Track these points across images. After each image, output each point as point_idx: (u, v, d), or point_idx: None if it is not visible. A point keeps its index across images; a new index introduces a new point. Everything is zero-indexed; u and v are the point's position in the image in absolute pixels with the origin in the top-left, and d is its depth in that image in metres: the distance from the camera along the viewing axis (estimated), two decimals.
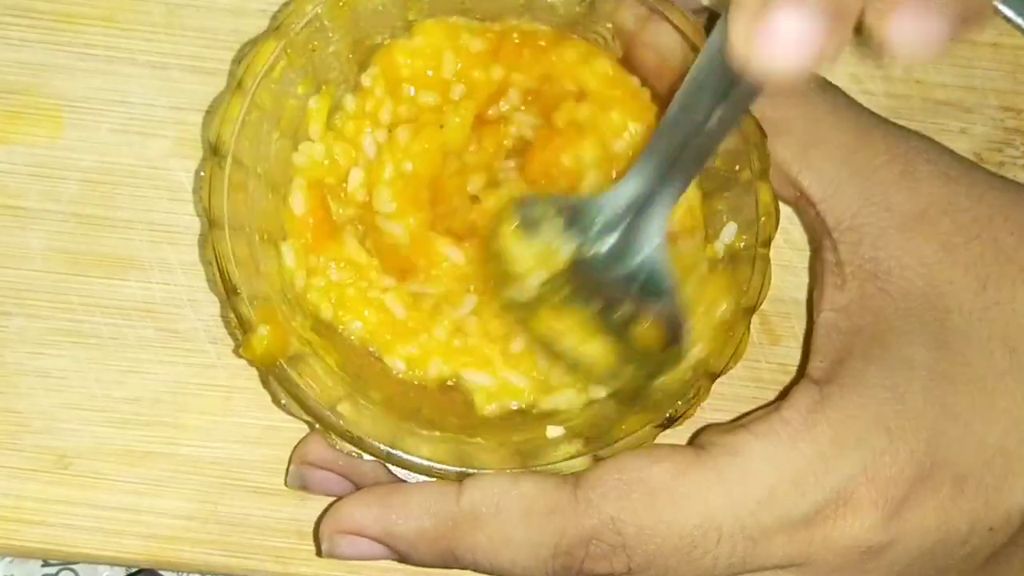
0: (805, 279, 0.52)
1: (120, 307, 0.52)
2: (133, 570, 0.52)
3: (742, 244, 0.47)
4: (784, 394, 0.46)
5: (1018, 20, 0.54)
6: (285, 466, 0.51)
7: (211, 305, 0.52)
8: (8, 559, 0.53)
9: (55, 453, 0.51)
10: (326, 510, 0.47)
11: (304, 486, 0.49)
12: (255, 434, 0.51)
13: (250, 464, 0.51)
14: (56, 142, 0.52)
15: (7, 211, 0.52)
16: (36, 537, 0.51)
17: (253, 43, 0.47)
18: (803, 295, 0.52)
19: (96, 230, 0.52)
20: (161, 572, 0.52)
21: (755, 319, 0.52)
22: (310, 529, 0.51)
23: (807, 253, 0.53)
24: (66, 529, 0.51)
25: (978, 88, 0.54)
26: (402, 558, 0.46)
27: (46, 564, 0.53)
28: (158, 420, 0.51)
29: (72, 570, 0.53)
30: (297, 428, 0.51)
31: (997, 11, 0.54)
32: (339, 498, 0.47)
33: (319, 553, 0.47)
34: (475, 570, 0.46)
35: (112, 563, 0.52)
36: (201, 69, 0.53)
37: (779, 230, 0.47)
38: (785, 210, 0.47)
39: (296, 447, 0.49)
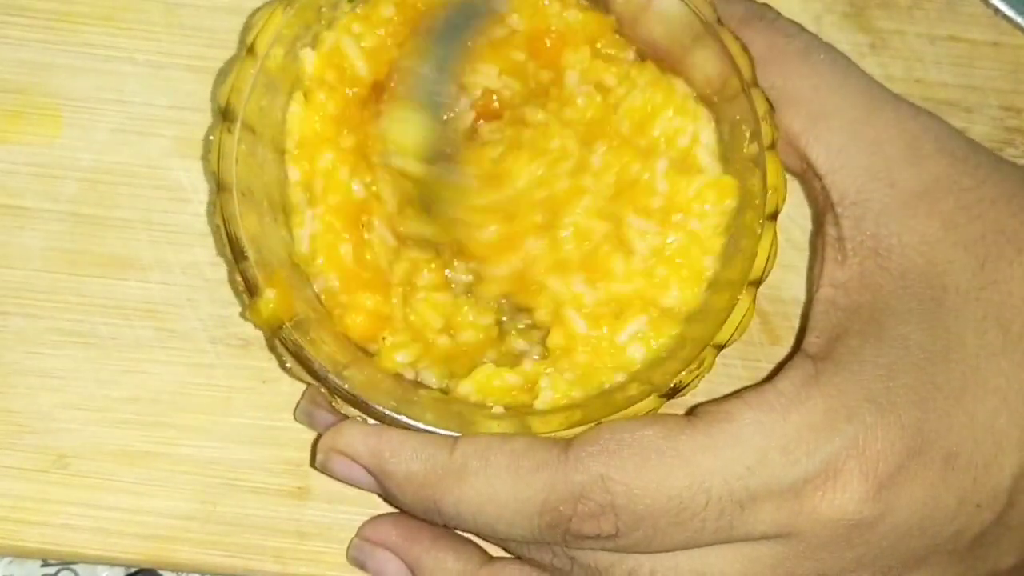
0: (806, 279, 0.53)
1: (119, 307, 0.52)
2: (132, 570, 0.52)
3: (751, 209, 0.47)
4: (779, 369, 0.46)
5: (1018, 19, 0.54)
6: (284, 466, 0.51)
7: (210, 305, 0.52)
8: (7, 559, 0.52)
9: (54, 453, 0.51)
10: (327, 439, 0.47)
11: (311, 423, 0.49)
12: (254, 434, 0.51)
13: (249, 464, 0.51)
14: (55, 141, 0.52)
15: (6, 210, 0.52)
16: (35, 537, 0.51)
17: (263, 8, 0.47)
18: (803, 295, 0.52)
19: (95, 230, 0.52)
20: (160, 572, 0.52)
21: (756, 319, 0.52)
22: (310, 529, 0.51)
23: (807, 253, 0.53)
24: (65, 529, 0.51)
25: (979, 87, 0.54)
26: (389, 497, 0.46)
27: (45, 564, 0.53)
28: (157, 420, 0.51)
29: (71, 570, 0.53)
30: (297, 428, 0.51)
31: (998, 10, 0.54)
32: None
33: (313, 464, 0.48)
34: (458, 527, 0.46)
35: (111, 563, 0.52)
36: (200, 68, 0.53)
37: (779, 229, 0.47)
38: (786, 209, 0.47)
39: (307, 388, 0.50)
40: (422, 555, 0.48)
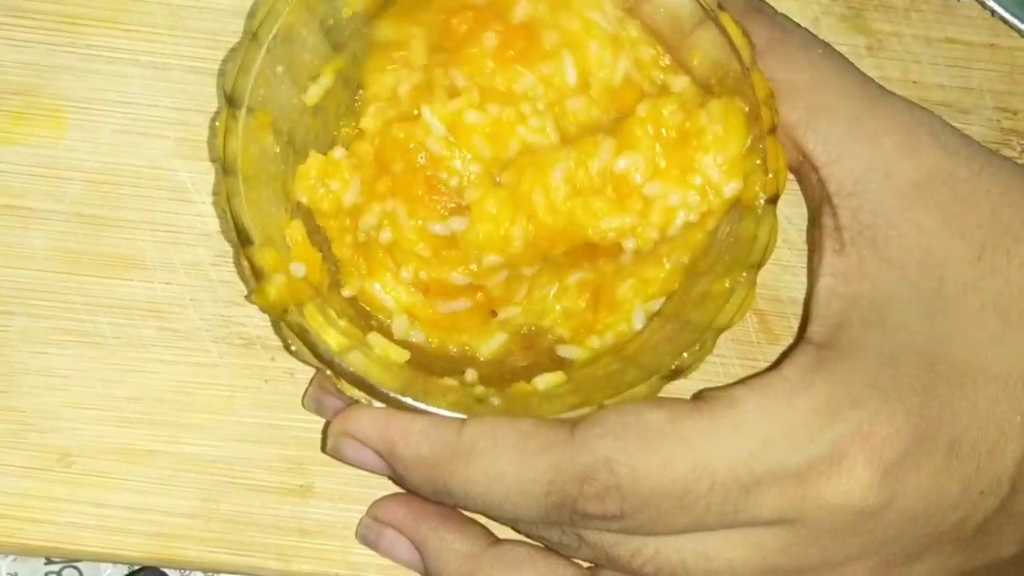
0: (804, 279, 0.53)
1: (123, 307, 0.52)
2: (136, 568, 0.52)
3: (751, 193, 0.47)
4: (783, 357, 0.46)
5: (1014, 21, 0.55)
6: (287, 464, 0.51)
7: (213, 304, 0.52)
8: (11, 557, 0.53)
9: (58, 452, 0.51)
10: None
11: (319, 410, 0.50)
12: (257, 433, 0.52)
13: (252, 463, 0.51)
14: (59, 142, 0.53)
15: (10, 211, 0.52)
16: (39, 535, 0.51)
17: None
18: (802, 295, 0.53)
19: (99, 230, 0.52)
20: (164, 570, 0.52)
21: (753, 318, 0.52)
22: (312, 527, 0.51)
23: (804, 253, 0.53)
24: (69, 527, 0.51)
25: (975, 89, 0.55)
26: (398, 479, 0.47)
27: (49, 562, 0.53)
28: (161, 419, 0.51)
29: (75, 568, 0.53)
30: (299, 427, 0.51)
31: (994, 12, 0.55)
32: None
33: (323, 448, 0.48)
34: (467, 507, 0.46)
35: (115, 561, 0.52)
36: (203, 70, 0.53)
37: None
38: (784, 210, 0.47)
39: (314, 376, 0.50)
40: (430, 535, 0.48)
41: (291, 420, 0.51)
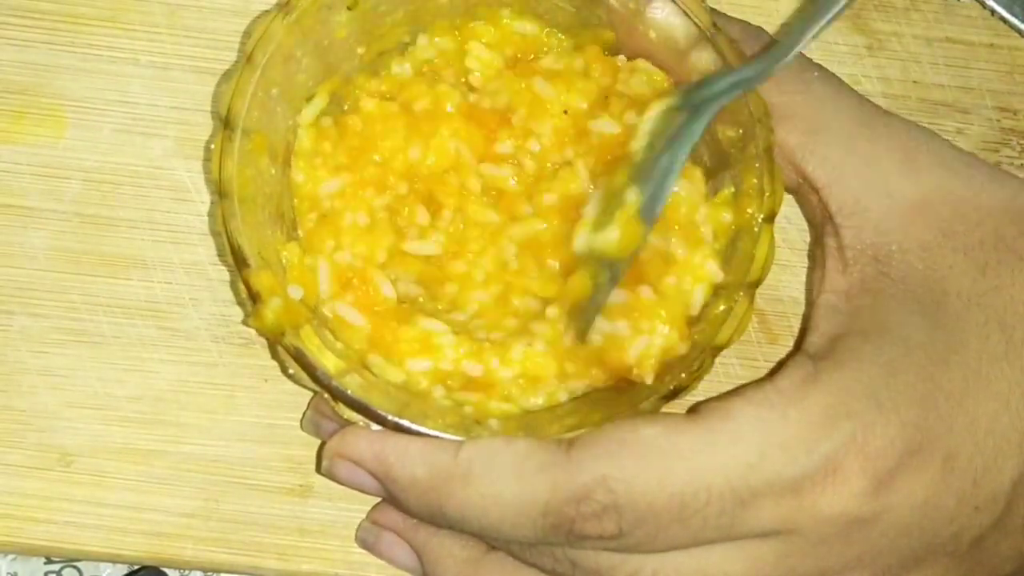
0: (803, 279, 0.53)
1: (122, 306, 0.52)
2: (135, 568, 0.52)
3: (748, 211, 0.47)
4: (778, 368, 0.46)
5: (1014, 20, 0.55)
6: (287, 464, 0.51)
7: (213, 304, 0.52)
8: (11, 557, 0.53)
9: (58, 451, 0.51)
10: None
11: (317, 433, 0.50)
12: (257, 432, 0.52)
13: (252, 462, 0.51)
14: (59, 142, 0.53)
15: (10, 210, 0.52)
16: (39, 535, 0.51)
17: (263, 16, 0.47)
18: (802, 295, 0.53)
19: (99, 229, 0.52)
20: (163, 569, 0.52)
21: (753, 318, 0.52)
22: (311, 527, 0.51)
23: (805, 253, 0.53)
24: (69, 527, 0.51)
25: (975, 89, 0.55)
26: (393, 501, 0.47)
27: (49, 562, 0.53)
28: (160, 418, 0.51)
29: (75, 567, 0.53)
30: (299, 427, 0.51)
31: (994, 12, 0.55)
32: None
33: (319, 469, 0.48)
34: (462, 530, 0.46)
35: (115, 560, 0.52)
36: (203, 69, 0.53)
37: (777, 230, 0.47)
38: (784, 210, 0.47)
39: (312, 398, 0.50)
40: (429, 539, 0.49)
41: (291, 420, 0.51)
